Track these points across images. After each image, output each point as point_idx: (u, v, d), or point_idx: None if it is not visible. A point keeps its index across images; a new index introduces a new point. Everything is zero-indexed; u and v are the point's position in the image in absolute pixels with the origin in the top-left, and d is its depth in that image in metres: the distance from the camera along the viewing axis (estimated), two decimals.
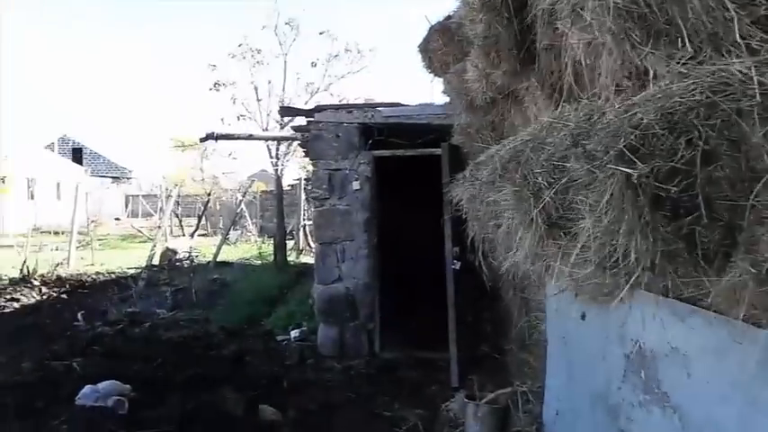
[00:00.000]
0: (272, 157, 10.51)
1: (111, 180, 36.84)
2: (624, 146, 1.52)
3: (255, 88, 10.26)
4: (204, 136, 6.68)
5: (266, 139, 7.50)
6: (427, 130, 5.77)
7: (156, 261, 11.77)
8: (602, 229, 1.68)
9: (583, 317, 3.05)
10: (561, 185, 2.32)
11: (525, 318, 4.49)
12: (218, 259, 13.34)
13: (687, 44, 1.58)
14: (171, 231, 22.20)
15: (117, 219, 30.31)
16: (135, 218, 30.13)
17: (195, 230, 20.30)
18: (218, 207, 22.58)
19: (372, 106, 5.66)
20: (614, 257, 1.77)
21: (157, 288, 9.19)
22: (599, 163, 1.63)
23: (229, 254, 14.51)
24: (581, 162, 1.74)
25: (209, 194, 18.34)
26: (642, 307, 2.32)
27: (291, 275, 10.65)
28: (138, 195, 33.51)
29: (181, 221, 20.99)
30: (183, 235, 20.24)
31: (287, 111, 5.66)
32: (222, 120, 10.06)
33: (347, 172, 5.61)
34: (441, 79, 5.53)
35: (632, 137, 1.51)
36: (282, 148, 10.72)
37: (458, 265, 4.55)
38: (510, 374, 4.80)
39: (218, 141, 6.68)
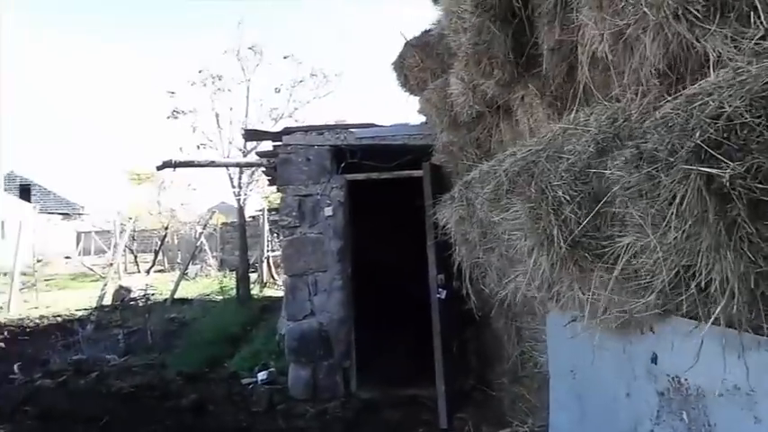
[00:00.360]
0: (233, 187, 10.00)
1: (61, 217, 35.10)
2: (702, 141, 1.21)
3: (217, 115, 9.82)
4: (161, 164, 6.18)
5: (229, 165, 7.05)
6: (403, 151, 5.47)
7: (107, 301, 10.96)
8: (669, 246, 1.35)
9: (598, 348, 2.70)
10: (586, 198, 2.02)
11: (518, 348, 4.14)
12: (176, 296, 12.57)
13: (761, 21, 1.30)
14: (125, 268, 21.11)
15: (67, 257, 28.71)
16: (87, 255, 28.60)
17: (152, 266, 19.32)
18: (176, 241, 21.64)
19: (344, 127, 5.32)
20: (680, 281, 1.45)
21: (108, 331, 8.43)
22: (662, 165, 1.31)
23: (189, 290, 13.73)
24: (631, 166, 1.43)
25: (166, 228, 17.50)
26: (679, 337, 1.99)
27: (255, 311, 10.04)
28: (90, 232, 31.93)
29: (136, 257, 19.93)
30: (139, 272, 19.22)
31: (252, 135, 5.25)
32: (181, 149, 9.53)
33: (318, 197, 5.22)
34: (417, 98, 5.26)
35: (711, 130, 1.20)
36: (245, 177, 10.24)
37: (443, 294, 4.18)
38: (503, 411, 4.41)
39: (177, 170, 6.20)
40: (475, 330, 5.19)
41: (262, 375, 5.79)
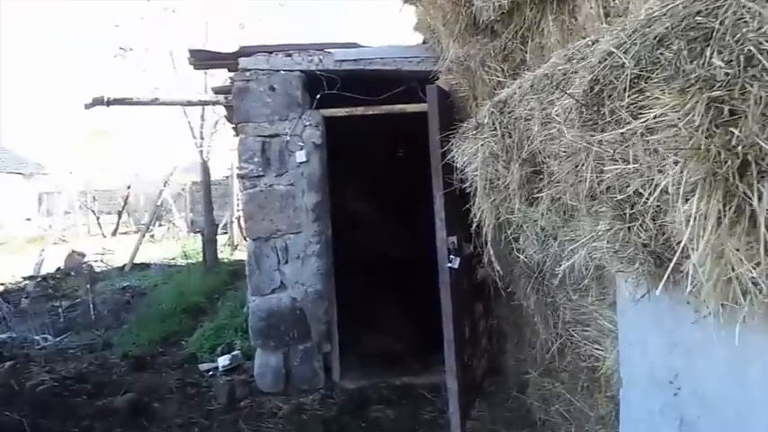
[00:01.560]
0: (194, 138, 8.71)
1: (21, 177, 33.01)
2: None
3: (171, 53, 8.40)
4: (91, 101, 4.91)
5: (176, 104, 5.82)
6: (396, 79, 4.31)
7: (52, 269, 9.75)
8: None
9: (739, 355, 1.68)
10: None
11: (554, 332, 3.13)
12: (137, 261, 11.38)
13: None
14: (89, 231, 19.71)
15: (27, 219, 27.06)
16: (50, 216, 26.94)
17: (116, 228, 17.97)
18: (141, 202, 20.18)
19: (320, 48, 4.12)
20: None
21: (49, 304, 7.26)
22: None
23: (153, 254, 12.51)
24: None
25: (128, 188, 16.09)
26: None
27: (223, 277, 8.93)
28: (52, 192, 30.11)
29: (98, 219, 18.51)
30: (104, 235, 17.85)
31: (199, 57, 4.02)
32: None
33: (287, 139, 4.05)
34: (413, 7, 4.07)
35: None
36: (208, 126, 8.94)
37: (456, 263, 3.12)
38: (531, 412, 3.44)
39: (111, 107, 4.95)
40: (487, 304, 4.18)
41: (223, 360, 4.72)
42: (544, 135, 1.81)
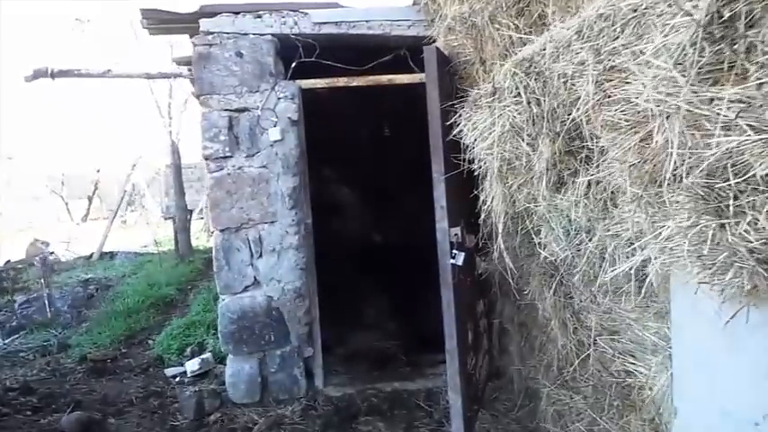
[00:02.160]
0: (162, 117, 8.05)
1: None
2: None
3: (131, 22, 7.67)
4: (32, 74, 4.28)
5: (133, 76, 5.19)
6: (383, 46, 3.77)
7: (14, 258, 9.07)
8: None
9: None
10: None
11: (573, 339, 2.68)
12: (107, 249, 10.72)
13: None
14: (58, 217, 18.83)
15: None
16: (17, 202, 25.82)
17: (86, 214, 17.17)
18: (116, 187, 19.30)
19: (295, 8, 3.55)
20: None
21: (5, 298, 6.63)
22: None
23: (124, 241, 11.84)
24: None
25: (98, 171, 15.26)
26: None
27: (197, 266, 8.37)
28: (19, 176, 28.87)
29: (67, 205, 17.65)
30: (74, 221, 17.03)
31: (153, 18, 3.43)
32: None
33: (258, 113, 3.49)
34: None
35: None
36: (178, 104, 8.28)
37: (460, 259, 2.63)
38: (544, 428, 3.01)
39: (56, 80, 4.32)
40: (489, 301, 3.73)
41: (192, 365, 4.21)
42: (599, 97, 1.32)
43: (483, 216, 2.58)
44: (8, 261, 8.23)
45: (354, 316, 5.07)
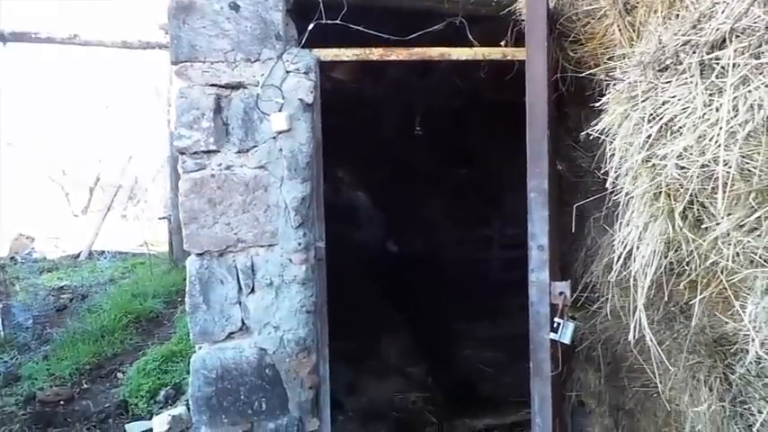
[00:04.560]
0: (159, 100, 7.08)
1: None
2: None
3: None
4: None
5: (107, 45, 4.22)
6: (433, 10, 2.76)
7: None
8: None
9: None
10: None
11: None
12: (98, 248, 9.82)
13: None
14: (57, 209, 17.99)
15: None
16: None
17: (87, 206, 16.31)
18: (124, 178, 18.44)
19: None
20: None
21: None
22: None
23: (120, 238, 10.90)
24: None
25: (99, 161, 14.40)
26: None
27: None
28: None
29: (68, 195, 16.80)
30: (74, 213, 16.16)
31: None
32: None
33: (258, 92, 2.47)
34: None
35: None
36: (175, 88, 7.28)
37: (567, 335, 1.60)
38: None
39: (7, 45, 3.36)
40: (564, 367, 2.68)
41: (160, 424, 3.20)
42: None
43: (612, 261, 1.55)
44: (29, 250, 7.34)
45: (368, 354, 4.07)
